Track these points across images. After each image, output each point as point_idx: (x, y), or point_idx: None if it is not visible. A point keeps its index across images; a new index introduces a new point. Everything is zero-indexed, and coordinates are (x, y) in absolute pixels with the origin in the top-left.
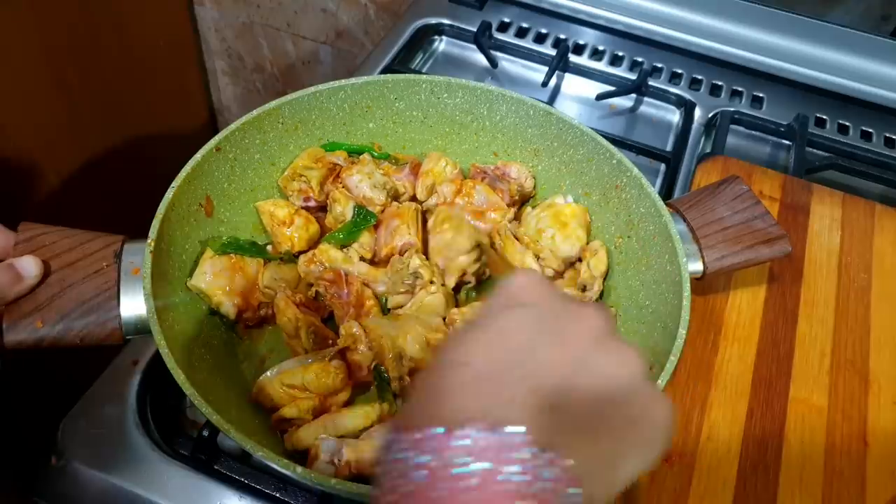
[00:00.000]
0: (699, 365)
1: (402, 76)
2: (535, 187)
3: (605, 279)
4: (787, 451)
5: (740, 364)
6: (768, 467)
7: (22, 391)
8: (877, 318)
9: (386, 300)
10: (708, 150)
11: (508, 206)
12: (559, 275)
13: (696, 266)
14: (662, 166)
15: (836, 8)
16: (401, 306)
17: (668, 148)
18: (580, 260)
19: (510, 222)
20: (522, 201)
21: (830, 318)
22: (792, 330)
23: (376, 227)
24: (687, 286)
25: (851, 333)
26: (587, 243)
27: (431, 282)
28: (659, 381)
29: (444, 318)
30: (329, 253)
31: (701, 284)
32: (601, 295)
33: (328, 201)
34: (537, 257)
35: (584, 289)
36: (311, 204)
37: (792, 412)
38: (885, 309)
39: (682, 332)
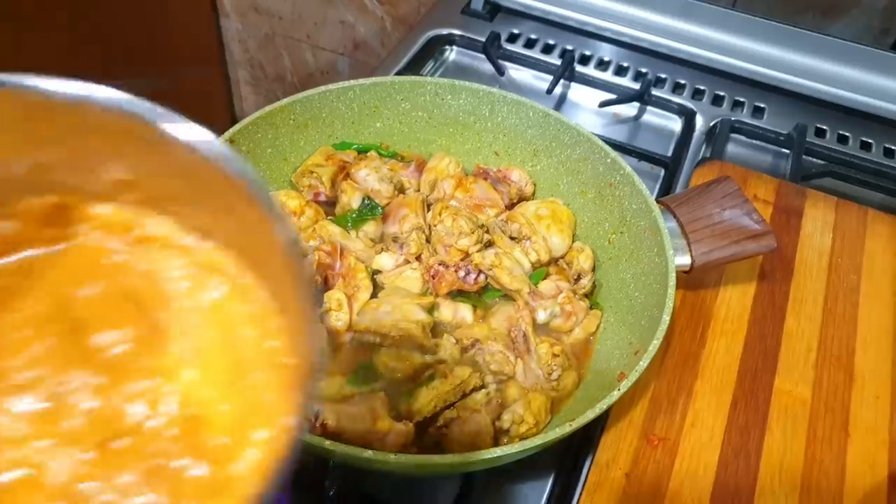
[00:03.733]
0: (686, 356)
1: (408, 78)
2: (533, 193)
3: (593, 273)
4: (769, 439)
5: (727, 356)
6: (749, 453)
7: None
8: (864, 316)
9: (374, 275)
10: (707, 157)
11: (506, 207)
12: (543, 265)
13: (684, 259)
14: (662, 171)
15: (837, 21)
16: (386, 270)
17: (668, 154)
18: (562, 258)
19: (501, 220)
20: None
21: (818, 316)
22: (780, 325)
23: (384, 218)
24: (672, 276)
25: (838, 330)
26: (572, 244)
27: (418, 258)
28: (642, 362)
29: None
30: (328, 228)
31: (691, 279)
32: (593, 287)
33: (338, 194)
34: (526, 254)
35: (577, 279)
36: (322, 199)
37: (776, 402)
38: (873, 308)
39: (666, 317)
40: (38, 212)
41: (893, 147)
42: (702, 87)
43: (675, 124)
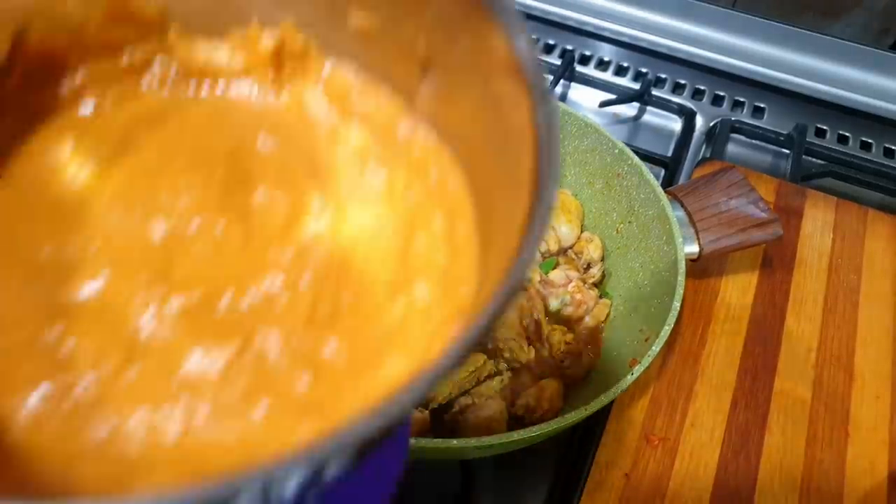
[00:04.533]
0: (686, 356)
1: None
2: None
3: (602, 262)
4: (769, 439)
5: (727, 357)
6: (749, 454)
7: None
8: (864, 316)
9: None
10: (707, 157)
11: None
12: (552, 255)
13: (693, 248)
14: (662, 171)
15: (836, 21)
16: None
17: (668, 154)
18: (571, 248)
19: None
20: None
21: (818, 316)
22: (780, 326)
23: None
24: (682, 263)
25: (838, 330)
26: (581, 234)
27: None
28: (654, 347)
29: None
30: None
31: (693, 274)
32: (603, 276)
33: None
34: None
35: (587, 267)
36: None
37: (776, 403)
38: (873, 308)
39: (676, 304)
40: (265, 48)
41: (893, 147)
42: (702, 87)
43: (675, 124)
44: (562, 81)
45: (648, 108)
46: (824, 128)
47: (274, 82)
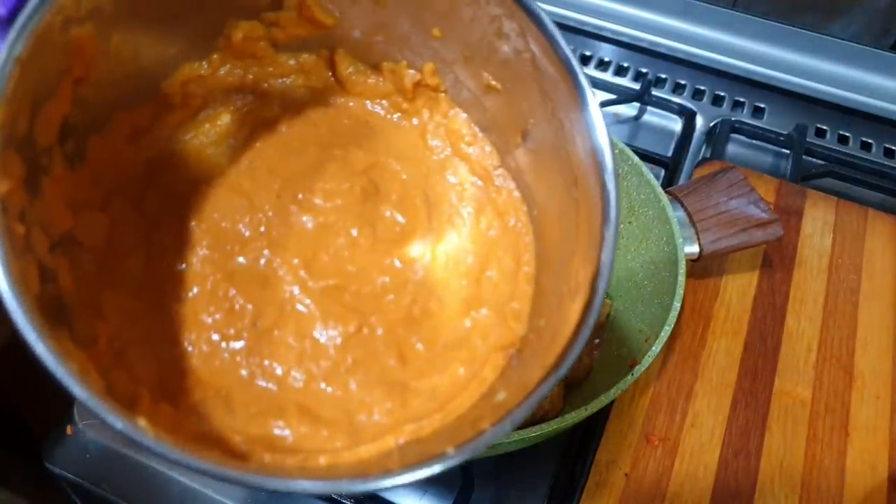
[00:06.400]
0: (686, 356)
1: None
2: None
3: None
4: (769, 440)
5: (727, 357)
6: (750, 454)
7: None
8: (864, 316)
9: None
10: (707, 157)
11: None
12: None
13: (693, 248)
14: (662, 171)
15: (837, 21)
16: None
17: (668, 154)
18: None
19: None
20: None
21: (818, 316)
22: (780, 326)
23: None
24: (682, 263)
25: (839, 330)
26: None
27: None
28: (654, 348)
29: None
30: None
31: (693, 274)
32: None
33: None
34: None
35: None
36: None
37: (776, 403)
38: (874, 308)
39: (677, 304)
40: (405, 80)
41: (893, 147)
42: (702, 87)
43: (676, 124)
44: None
45: (648, 108)
46: (824, 128)
47: (406, 112)
